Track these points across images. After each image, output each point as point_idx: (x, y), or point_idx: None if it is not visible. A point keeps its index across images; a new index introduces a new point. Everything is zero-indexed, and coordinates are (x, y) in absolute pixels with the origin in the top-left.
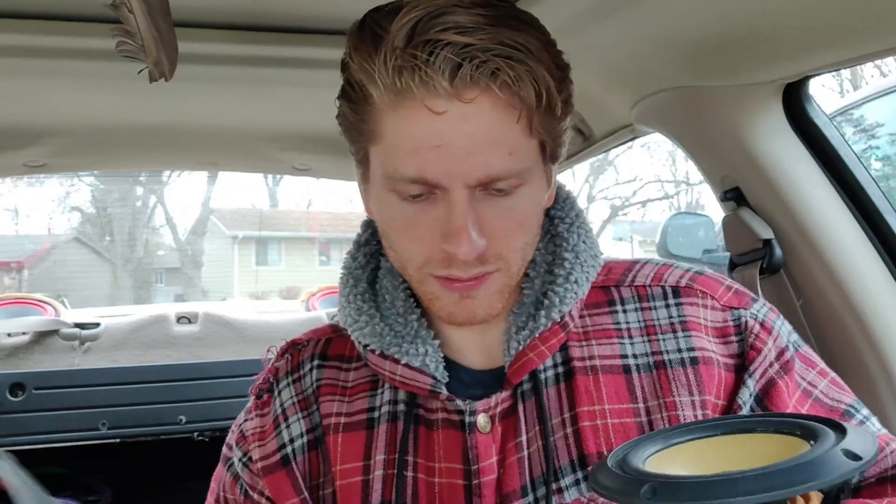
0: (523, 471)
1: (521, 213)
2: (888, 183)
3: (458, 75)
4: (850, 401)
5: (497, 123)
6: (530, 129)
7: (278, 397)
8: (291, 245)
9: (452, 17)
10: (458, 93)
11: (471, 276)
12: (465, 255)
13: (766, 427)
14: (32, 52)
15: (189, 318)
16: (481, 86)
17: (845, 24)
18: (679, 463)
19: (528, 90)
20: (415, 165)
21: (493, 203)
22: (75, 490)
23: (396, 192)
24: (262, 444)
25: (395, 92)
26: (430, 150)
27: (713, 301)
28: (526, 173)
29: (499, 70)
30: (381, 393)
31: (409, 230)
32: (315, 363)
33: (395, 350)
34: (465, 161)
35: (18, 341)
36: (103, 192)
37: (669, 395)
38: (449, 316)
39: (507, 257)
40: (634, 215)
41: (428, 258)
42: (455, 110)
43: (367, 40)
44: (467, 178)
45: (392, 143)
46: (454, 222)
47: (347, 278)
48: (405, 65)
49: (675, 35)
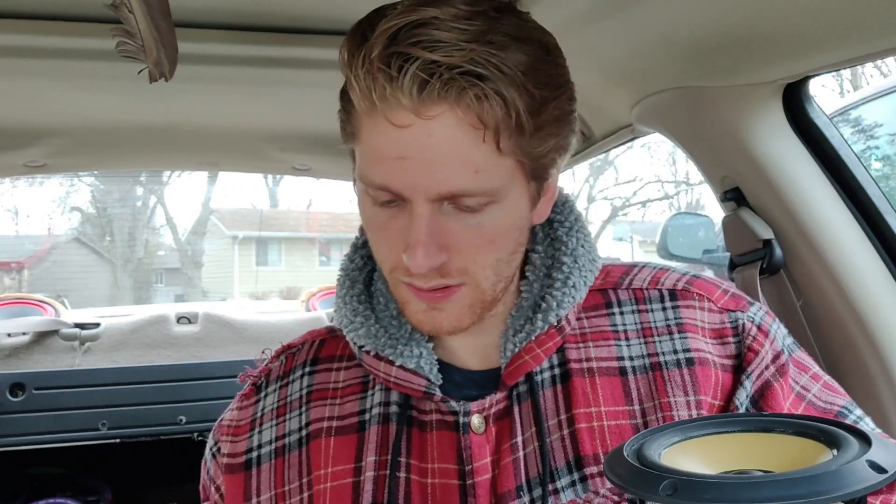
0: (518, 471)
1: (492, 230)
2: (888, 183)
3: (424, 91)
4: (844, 402)
5: (462, 141)
6: (499, 149)
7: (262, 400)
8: (291, 245)
9: (429, 31)
10: (422, 108)
11: (430, 286)
12: (418, 269)
13: (785, 428)
14: (32, 52)
15: (189, 318)
16: (447, 102)
17: (845, 24)
18: (695, 457)
19: (494, 111)
20: (380, 174)
21: (460, 218)
22: (75, 490)
23: (370, 195)
24: (234, 441)
25: (369, 100)
26: (395, 161)
27: (710, 304)
28: (496, 192)
29: (464, 90)
30: (371, 395)
31: (381, 234)
32: (307, 369)
33: (389, 352)
34: (427, 175)
35: (18, 341)
36: (103, 192)
37: (664, 395)
38: (417, 323)
39: (474, 273)
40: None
41: (395, 264)
42: (419, 124)
43: (355, 42)
44: (429, 192)
45: (365, 150)
46: (412, 234)
47: (344, 280)
48: (377, 76)
49: (675, 35)
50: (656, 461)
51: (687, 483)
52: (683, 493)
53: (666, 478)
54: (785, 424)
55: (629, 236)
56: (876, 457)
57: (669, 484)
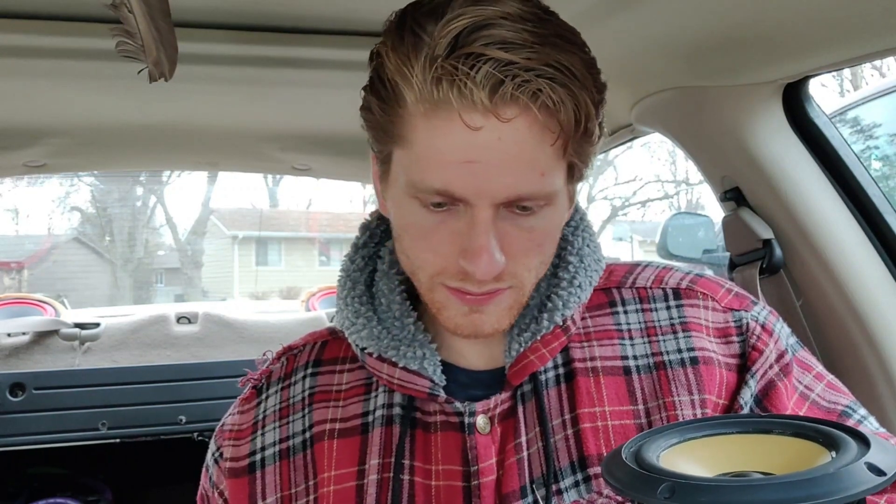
0: (523, 472)
1: (542, 233)
2: (888, 183)
3: (498, 92)
4: (847, 402)
5: (531, 144)
6: (564, 153)
7: (264, 402)
8: (291, 245)
9: (498, 32)
10: (496, 110)
11: (484, 291)
12: (484, 275)
13: (784, 429)
14: (32, 52)
15: (189, 318)
16: (521, 105)
17: (845, 24)
18: (694, 459)
19: (568, 114)
20: (442, 179)
21: (516, 221)
22: (75, 490)
23: (419, 199)
24: (236, 445)
25: (431, 102)
26: (461, 165)
27: (714, 303)
28: (555, 195)
29: (540, 91)
30: (374, 397)
31: (427, 239)
32: (309, 371)
33: (392, 353)
34: (496, 179)
35: (18, 341)
36: (103, 192)
37: (669, 395)
38: (455, 328)
39: (521, 276)
40: (634, 215)
41: (442, 269)
42: (490, 127)
43: (408, 41)
44: (496, 196)
45: (421, 153)
46: (476, 240)
47: (345, 281)
48: (445, 75)
49: (675, 35)
50: (654, 463)
51: (684, 486)
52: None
53: (663, 480)
54: (783, 426)
55: (629, 236)
56: (875, 459)
57: (667, 487)
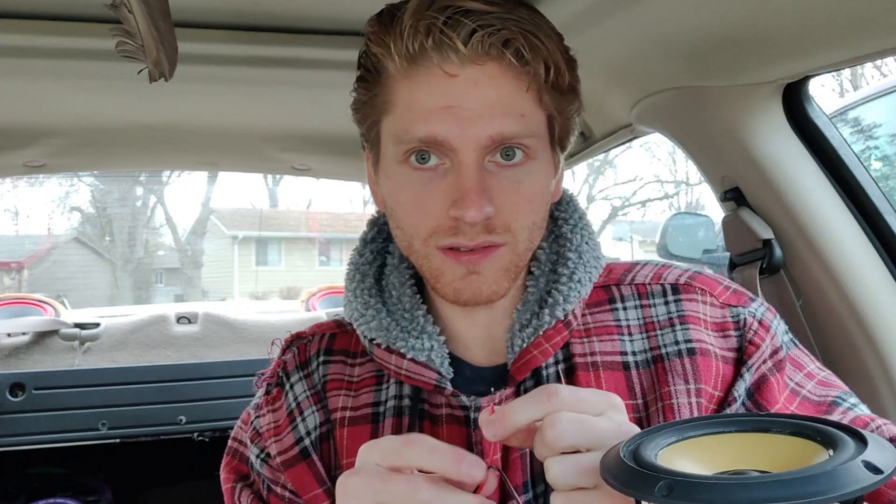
0: (525, 467)
1: (530, 189)
2: (888, 183)
3: (471, 40)
4: (838, 392)
5: (507, 89)
6: (539, 101)
7: (291, 391)
8: (291, 245)
9: None
10: (471, 56)
11: (477, 243)
12: (473, 218)
13: (782, 428)
14: (32, 52)
15: (189, 318)
16: (493, 54)
17: (845, 24)
18: (692, 457)
19: (537, 63)
20: (426, 126)
21: (502, 174)
22: (75, 490)
23: (406, 161)
24: (279, 439)
25: (410, 58)
26: (442, 110)
27: (712, 298)
28: (536, 142)
29: (512, 39)
30: (386, 388)
31: (417, 202)
32: (321, 359)
33: (401, 344)
34: (477, 122)
35: (18, 341)
36: (103, 192)
37: (665, 385)
38: (455, 293)
39: (515, 231)
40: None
41: (435, 229)
42: (466, 74)
43: (385, 19)
44: (478, 138)
45: (405, 108)
46: (463, 185)
47: (354, 273)
48: (422, 29)
49: (675, 35)
50: (652, 462)
51: (682, 483)
52: (679, 493)
53: (661, 478)
54: (782, 424)
55: (629, 236)
56: (872, 457)
57: (665, 485)
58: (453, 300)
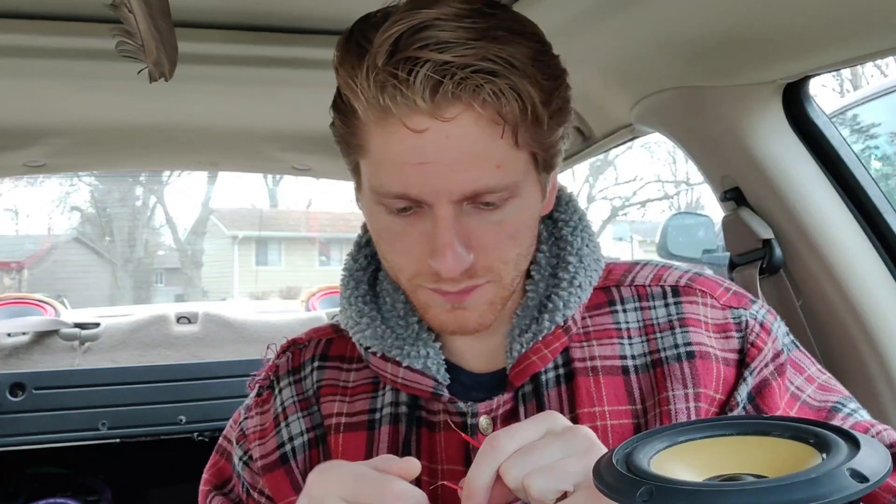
0: None
1: (513, 225)
2: (888, 183)
3: (438, 93)
4: (838, 398)
5: (481, 139)
6: (517, 143)
7: (279, 395)
8: (291, 245)
9: (433, 33)
10: (438, 111)
11: (459, 289)
12: (450, 273)
13: (782, 432)
14: (32, 52)
15: (189, 318)
16: (463, 102)
17: (845, 24)
18: (686, 462)
19: (511, 105)
20: (399, 182)
21: (482, 216)
22: (75, 490)
23: (384, 205)
24: (262, 443)
25: (378, 109)
26: (413, 167)
27: (713, 300)
28: (516, 186)
29: (479, 87)
30: (382, 394)
31: (398, 243)
32: (316, 364)
33: (396, 353)
34: (450, 178)
35: (18, 341)
36: (103, 192)
37: (664, 390)
38: (441, 325)
39: (498, 270)
40: (634, 215)
41: (417, 271)
42: (436, 128)
43: (353, 53)
44: (452, 194)
45: (377, 159)
46: (438, 239)
47: (348, 280)
48: (386, 83)
49: (675, 35)
50: (643, 467)
51: (662, 490)
52: (658, 499)
53: (644, 484)
54: (782, 428)
55: (629, 236)
56: (860, 464)
57: (646, 490)
58: (440, 331)
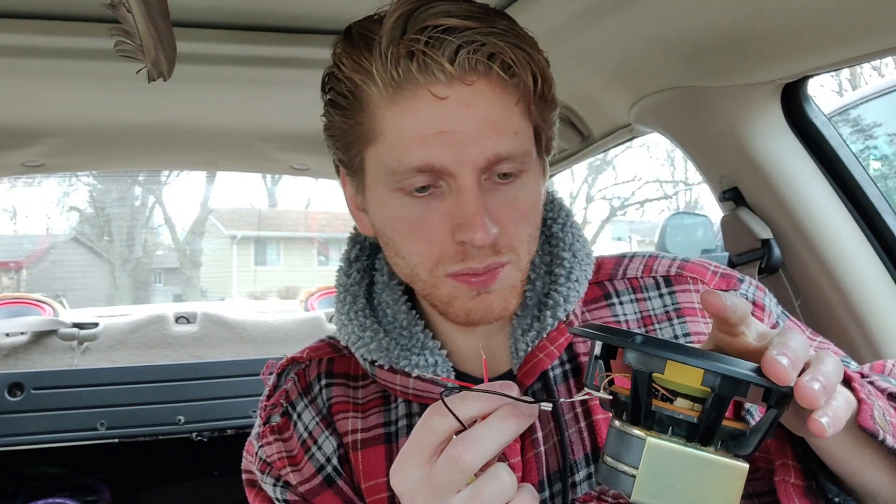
0: (541, 467)
1: (526, 202)
2: (886, 183)
3: (457, 58)
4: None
5: (498, 106)
6: (528, 114)
7: (299, 420)
8: (290, 245)
9: (444, 6)
10: (459, 76)
11: (486, 265)
12: (482, 241)
13: None
14: (31, 52)
15: (187, 318)
16: (480, 69)
17: (845, 24)
18: None
19: (525, 74)
20: (420, 154)
21: (499, 192)
22: (74, 490)
23: (401, 189)
24: (297, 469)
25: (395, 84)
26: (436, 136)
27: (703, 286)
28: (528, 158)
29: (498, 53)
30: (395, 407)
31: (418, 230)
32: (323, 382)
33: (404, 363)
34: (472, 145)
35: (17, 341)
36: (102, 192)
37: None
38: (467, 314)
39: (518, 248)
40: (633, 215)
41: (440, 256)
42: (456, 95)
43: (359, 43)
44: (476, 161)
45: (394, 137)
46: (467, 209)
47: (345, 295)
48: (404, 53)
49: (674, 35)
50: None
51: (655, 339)
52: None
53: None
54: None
55: (628, 236)
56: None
57: (641, 336)
58: (465, 322)
